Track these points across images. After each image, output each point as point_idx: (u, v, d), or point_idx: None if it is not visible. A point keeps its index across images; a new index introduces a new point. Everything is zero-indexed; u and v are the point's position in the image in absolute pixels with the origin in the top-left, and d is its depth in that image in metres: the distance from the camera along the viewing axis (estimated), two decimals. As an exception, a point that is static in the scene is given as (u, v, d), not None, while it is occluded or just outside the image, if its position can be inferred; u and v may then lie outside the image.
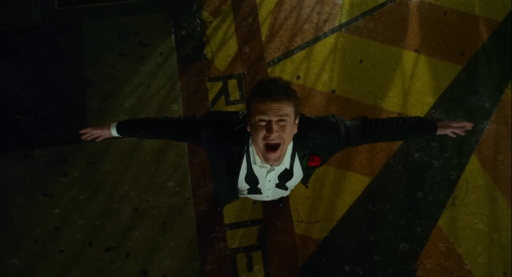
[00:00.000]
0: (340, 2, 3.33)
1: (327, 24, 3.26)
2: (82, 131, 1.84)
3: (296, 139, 1.49)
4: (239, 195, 1.83)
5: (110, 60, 3.12)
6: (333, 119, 1.57)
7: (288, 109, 1.34)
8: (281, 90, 1.33)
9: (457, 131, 1.75)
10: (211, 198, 2.84)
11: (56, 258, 2.69)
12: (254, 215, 2.82)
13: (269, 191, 1.71)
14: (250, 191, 1.73)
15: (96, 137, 1.86)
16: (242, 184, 1.66)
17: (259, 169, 1.56)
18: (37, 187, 2.82)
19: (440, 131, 1.74)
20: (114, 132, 1.80)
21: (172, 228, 2.77)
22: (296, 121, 1.44)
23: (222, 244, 2.76)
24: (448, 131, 1.75)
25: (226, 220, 2.80)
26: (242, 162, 1.55)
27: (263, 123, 1.35)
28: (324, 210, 2.84)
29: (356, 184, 2.89)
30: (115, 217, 2.77)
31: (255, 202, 2.84)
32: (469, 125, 1.74)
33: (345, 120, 1.61)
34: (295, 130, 1.45)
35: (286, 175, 1.61)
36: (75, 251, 2.71)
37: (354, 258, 2.75)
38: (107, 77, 3.08)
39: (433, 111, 3.07)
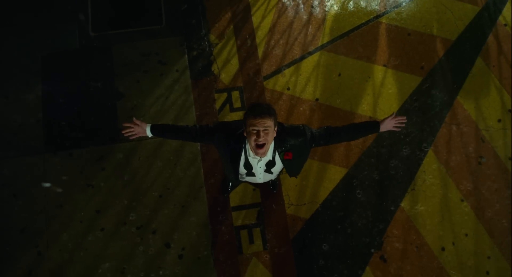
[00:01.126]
0: (322, 26, 4.02)
1: (312, 44, 3.95)
2: (126, 124, 2.27)
3: (276, 140, 2.18)
4: (241, 179, 2.52)
5: (136, 76, 3.78)
6: (302, 128, 2.25)
7: (269, 123, 2.02)
8: (265, 111, 2.01)
9: (396, 124, 2.38)
10: (219, 186, 3.50)
11: (98, 235, 3.34)
12: (254, 199, 3.47)
13: (260, 174, 2.40)
14: (247, 174, 2.43)
15: (132, 135, 2.29)
16: (242, 170, 2.36)
17: (252, 159, 2.26)
18: (81, 179, 3.47)
19: (383, 127, 2.37)
20: (148, 131, 2.31)
21: (189, 210, 3.41)
22: (275, 129, 2.11)
23: (228, 223, 3.39)
24: (389, 127, 2.38)
25: (232, 204, 3.45)
26: (241, 154, 2.24)
27: (254, 132, 2.02)
28: (310, 195, 3.49)
29: (335, 174, 3.55)
30: (144, 202, 3.42)
31: (254, 189, 3.51)
32: (402, 119, 2.38)
33: (313, 129, 2.28)
34: (275, 134, 2.13)
35: (270, 164, 2.30)
36: (112, 230, 3.35)
37: (333, 232, 3.41)
38: (133, 91, 3.73)
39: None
